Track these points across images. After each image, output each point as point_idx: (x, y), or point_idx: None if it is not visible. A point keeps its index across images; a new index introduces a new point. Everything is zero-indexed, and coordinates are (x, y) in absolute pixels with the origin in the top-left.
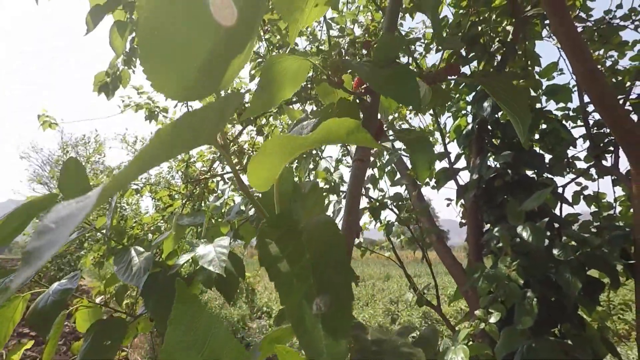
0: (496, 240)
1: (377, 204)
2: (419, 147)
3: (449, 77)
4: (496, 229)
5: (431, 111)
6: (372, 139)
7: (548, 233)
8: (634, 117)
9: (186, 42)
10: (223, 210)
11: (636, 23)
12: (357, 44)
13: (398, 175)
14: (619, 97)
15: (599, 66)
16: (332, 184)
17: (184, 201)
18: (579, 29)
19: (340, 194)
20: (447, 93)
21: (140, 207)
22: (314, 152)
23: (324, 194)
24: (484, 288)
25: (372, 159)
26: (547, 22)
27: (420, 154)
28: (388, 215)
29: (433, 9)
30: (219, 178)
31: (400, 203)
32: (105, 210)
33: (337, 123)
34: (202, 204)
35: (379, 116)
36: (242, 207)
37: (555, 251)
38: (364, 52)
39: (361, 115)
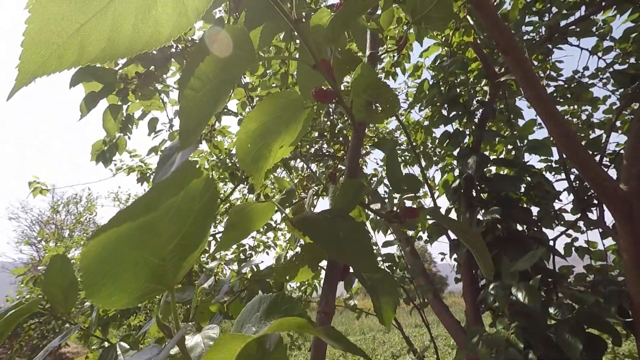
0: (492, 297)
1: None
2: (383, 289)
3: (407, 219)
4: (491, 287)
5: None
6: (319, 331)
7: (544, 289)
8: (613, 170)
9: (132, 268)
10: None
11: (604, 80)
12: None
13: (390, 235)
14: (597, 153)
15: (575, 119)
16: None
17: None
18: (551, 88)
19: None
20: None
21: None
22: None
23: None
24: (484, 353)
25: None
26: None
27: (385, 297)
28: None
29: (391, 151)
30: (210, 238)
31: (392, 264)
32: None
33: (289, 321)
34: (194, 266)
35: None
36: (231, 284)
37: (551, 310)
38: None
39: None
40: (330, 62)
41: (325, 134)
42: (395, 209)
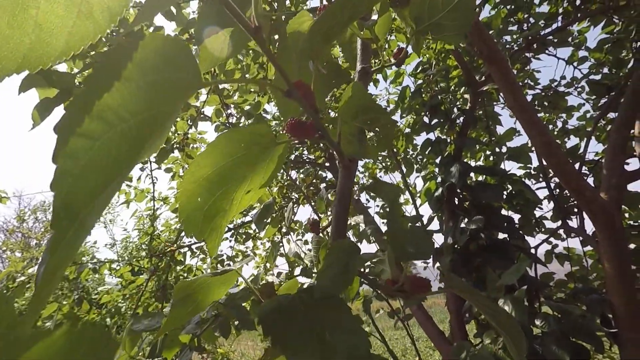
0: (477, 308)
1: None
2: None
3: (417, 294)
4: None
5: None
6: None
7: (527, 297)
8: (591, 179)
9: None
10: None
11: (579, 89)
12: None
13: (374, 246)
14: (575, 161)
15: (551, 126)
16: (305, 267)
17: (148, 277)
18: (529, 97)
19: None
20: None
21: (105, 279)
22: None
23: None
24: None
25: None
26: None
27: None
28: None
29: (392, 202)
30: (186, 249)
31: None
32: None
33: None
34: (169, 277)
35: None
36: (204, 314)
37: (537, 322)
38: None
39: None
40: (310, 86)
41: (306, 140)
42: (399, 279)
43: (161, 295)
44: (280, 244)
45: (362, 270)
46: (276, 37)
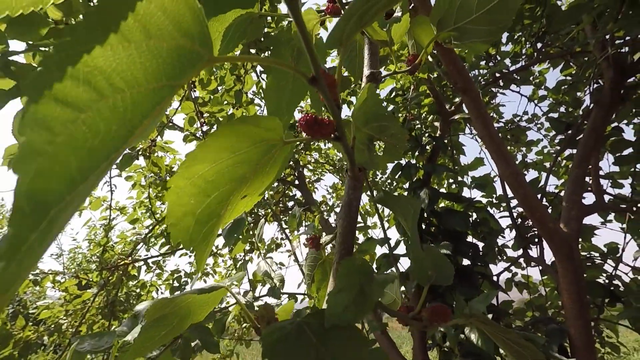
0: (440, 335)
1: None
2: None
3: (436, 323)
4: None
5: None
6: None
7: None
8: (550, 210)
9: None
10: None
11: (538, 125)
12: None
13: None
14: (537, 194)
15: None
16: (274, 287)
17: (96, 291)
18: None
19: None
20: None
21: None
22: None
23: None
24: None
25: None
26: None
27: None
28: None
29: (412, 217)
30: (141, 263)
31: None
32: None
33: None
34: (119, 293)
35: None
36: None
37: (502, 350)
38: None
39: None
40: (334, 77)
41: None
42: (416, 308)
43: (109, 313)
44: (247, 262)
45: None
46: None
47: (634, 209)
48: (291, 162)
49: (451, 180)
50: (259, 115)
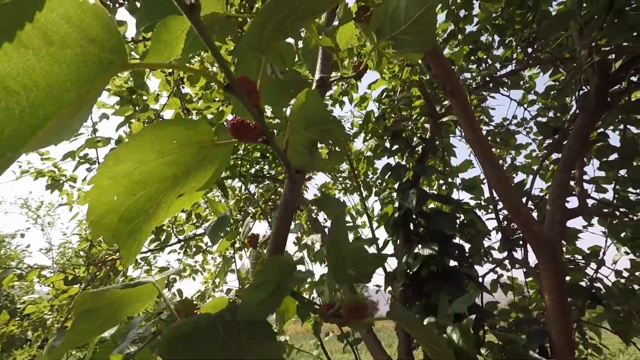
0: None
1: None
2: None
3: (352, 320)
4: (425, 324)
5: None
6: None
7: (473, 325)
8: (535, 213)
9: None
10: None
11: (527, 129)
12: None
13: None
14: (522, 198)
15: (501, 161)
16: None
17: (82, 286)
18: (484, 132)
19: None
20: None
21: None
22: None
23: None
24: None
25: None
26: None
27: None
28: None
29: (338, 217)
30: None
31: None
32: None
33: None
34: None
35: None
36: (140, 330)
37: (482, 350)
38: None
39: None
40: (255, 84)
41: (268, 154)
42: (336, 304)
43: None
44: (233, 260)
45: (296, 289)
46: None
47: (616, 213)
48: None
49: (442, 182)
50: (188, 119)
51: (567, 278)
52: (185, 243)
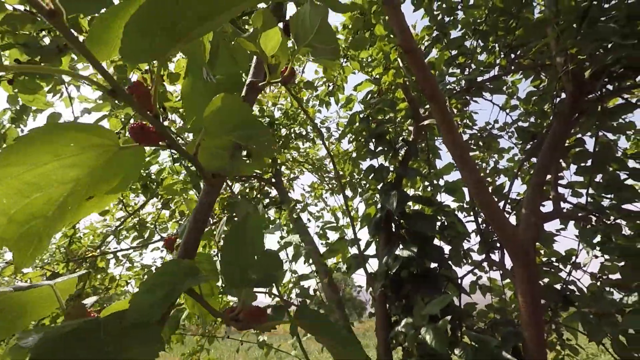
0: (402, 335)
1: (282, 302)
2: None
3: (252, 323)
4: (401, 326)
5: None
6: None
7: (451, 326)
8: (514, 217)
9: None
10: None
11: (509, 134)
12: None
13: (308, 267)
14: (501, 201)
15: (484, 164)
16: None
17: None
18: (467, 135)
19: None
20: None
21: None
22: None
23: None
24: None
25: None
26: None
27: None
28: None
29: (243, 220)
30: (110, 256)
31: (306, 298)
32: None
33: None
34: (86, 286)
35: None
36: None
37: (457, 351)
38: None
39: None
40: (148, 88)
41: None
42: (237, 308)
43: None
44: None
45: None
46: None
47: (591, 217)
48: (270, 160)
49: (427, 184)
50: (87, 123)
51: (547, 280)
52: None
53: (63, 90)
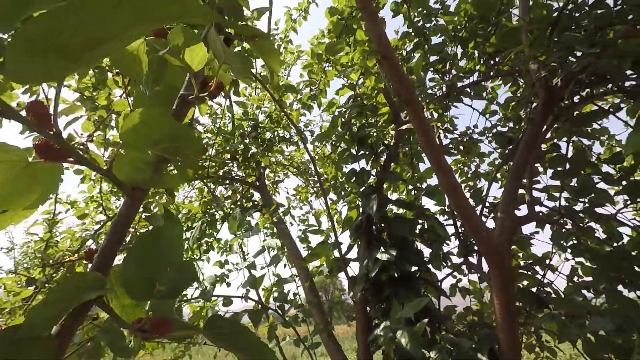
0: (381, 338)
1: (259, 306)
2: None
3: (157, 334)
4: (380, 329)
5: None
6: None
7: (430, 329)
8: (491, 220)
9: None
10: None
11: (489, 138)
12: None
13: (288, 272)
14: (479, 205)
15: (466, 168)
16: (204, 290)
17: (36, 289)
18: (448, 140)
19: None
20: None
21: None
22: None
23: None
24: None
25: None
26: None
27: None
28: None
29: (156, 230)
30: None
31: (285, 302)
32: None
33: None
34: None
35: None
36: None
37: (432, 354)
38: None
39: None
40: (46, 106)
41: (238, 156)
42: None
43: None
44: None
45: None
46: None
47: (567, 221)
48: (253, 164)
49: (410, 187)
50: None
51: (525, 282)
52: None
53: (40, 91)
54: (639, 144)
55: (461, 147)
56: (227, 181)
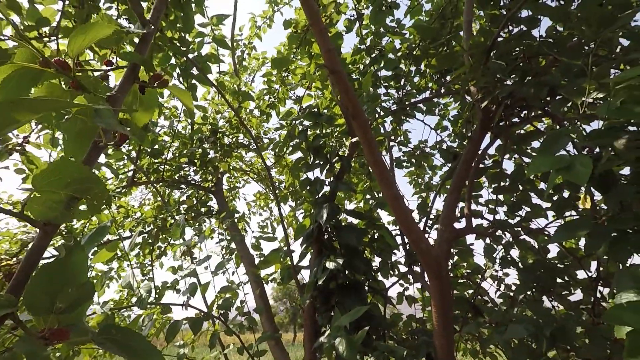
0: (325, 345)
1: (202, 314)
2: None
3: (55, 342)
4: (323, 337)
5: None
6: None
7: (375, 337)
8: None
9: None
10: None
11: (439, 152)
12: None
13: (238, 278)
14: (423, 217)
15: (420, 179)
16: (140, 297)
17: None
18: (402, 153)
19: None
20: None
21: None
22: None
23: None
24: None
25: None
26: None
27: None
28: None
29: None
30: None
31: (228, 310)
32: None
33: None
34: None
35: None
36: None
37: None
38: None
39: None
40: None
41: (196, 161)
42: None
43: None
44: (150, 268)
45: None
46: None
47: (497, 234)
48: (210, 169)
49: (368, 196)
50: None
51: (470, 292)
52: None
53: None
54: (538, 168)
55: (413, 160)
56: (183, 185)
